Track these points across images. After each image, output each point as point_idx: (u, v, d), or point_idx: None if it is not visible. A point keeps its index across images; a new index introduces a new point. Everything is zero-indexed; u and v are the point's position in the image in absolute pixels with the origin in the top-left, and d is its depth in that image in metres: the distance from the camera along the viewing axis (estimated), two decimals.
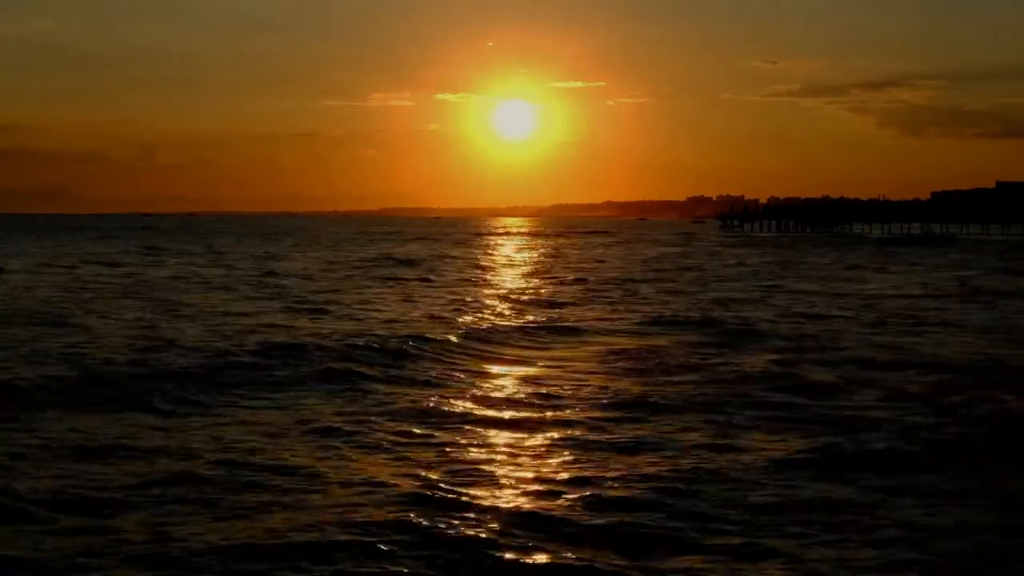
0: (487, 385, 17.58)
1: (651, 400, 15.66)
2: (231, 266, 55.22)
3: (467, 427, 13.87)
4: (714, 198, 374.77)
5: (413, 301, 33.97)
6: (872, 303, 32.99)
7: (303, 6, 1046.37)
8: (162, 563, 8.56)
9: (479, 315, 29.19)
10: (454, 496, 10.42)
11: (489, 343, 22.62)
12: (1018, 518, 10.09)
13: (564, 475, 11.33)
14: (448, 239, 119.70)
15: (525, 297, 36.60)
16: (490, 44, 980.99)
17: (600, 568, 8.54)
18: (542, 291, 39.71)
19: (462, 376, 18.48)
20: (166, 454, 12.13)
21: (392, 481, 10.94)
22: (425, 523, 9.49)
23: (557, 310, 31.26)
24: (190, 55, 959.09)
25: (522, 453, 12.39)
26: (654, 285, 42.61)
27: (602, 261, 66.96)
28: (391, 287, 40.87)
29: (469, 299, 35.01)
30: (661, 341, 23.25)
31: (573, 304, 33.27)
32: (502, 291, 39.41)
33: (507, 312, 30.49)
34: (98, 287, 38.32)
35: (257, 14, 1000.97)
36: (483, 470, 11.54)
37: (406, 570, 8.46)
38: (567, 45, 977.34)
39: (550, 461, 12.02)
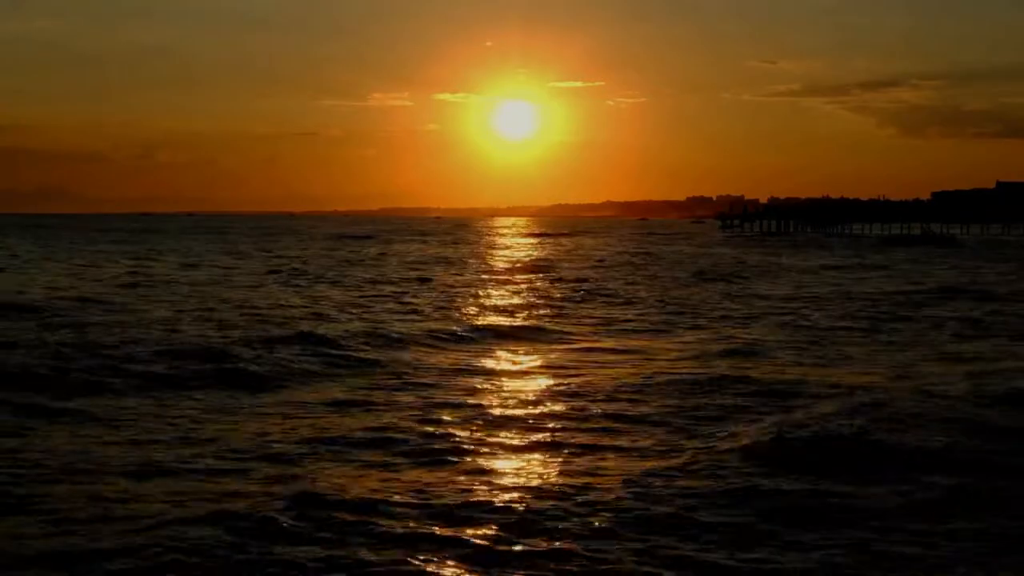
0: None
1: None
2: None
3: None
4: (714, 198, 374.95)
5: None
6: None
7: (303, 6, 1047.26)
8: None
9: None
10: None
11: None
12: None
13: None
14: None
15: None
16: (490, 44, 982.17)
17: None
18: None
19: None
20: None
21: None
22: None
23: None
24: (190, 55, 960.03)
25: None
26: None
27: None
28: None
29: None
30: None
31: None
32: None
33: None
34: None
35: (257, 14, 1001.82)
36: None
37: None
38: (567, 45, 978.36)
39: None
